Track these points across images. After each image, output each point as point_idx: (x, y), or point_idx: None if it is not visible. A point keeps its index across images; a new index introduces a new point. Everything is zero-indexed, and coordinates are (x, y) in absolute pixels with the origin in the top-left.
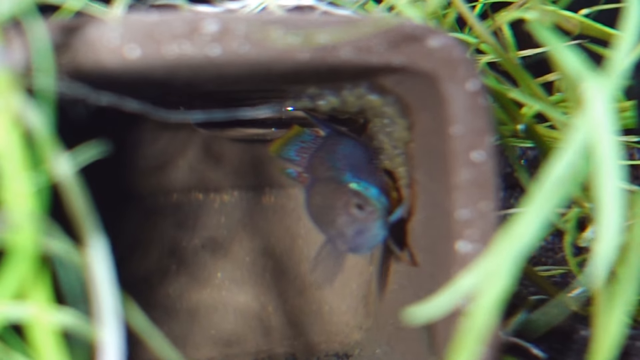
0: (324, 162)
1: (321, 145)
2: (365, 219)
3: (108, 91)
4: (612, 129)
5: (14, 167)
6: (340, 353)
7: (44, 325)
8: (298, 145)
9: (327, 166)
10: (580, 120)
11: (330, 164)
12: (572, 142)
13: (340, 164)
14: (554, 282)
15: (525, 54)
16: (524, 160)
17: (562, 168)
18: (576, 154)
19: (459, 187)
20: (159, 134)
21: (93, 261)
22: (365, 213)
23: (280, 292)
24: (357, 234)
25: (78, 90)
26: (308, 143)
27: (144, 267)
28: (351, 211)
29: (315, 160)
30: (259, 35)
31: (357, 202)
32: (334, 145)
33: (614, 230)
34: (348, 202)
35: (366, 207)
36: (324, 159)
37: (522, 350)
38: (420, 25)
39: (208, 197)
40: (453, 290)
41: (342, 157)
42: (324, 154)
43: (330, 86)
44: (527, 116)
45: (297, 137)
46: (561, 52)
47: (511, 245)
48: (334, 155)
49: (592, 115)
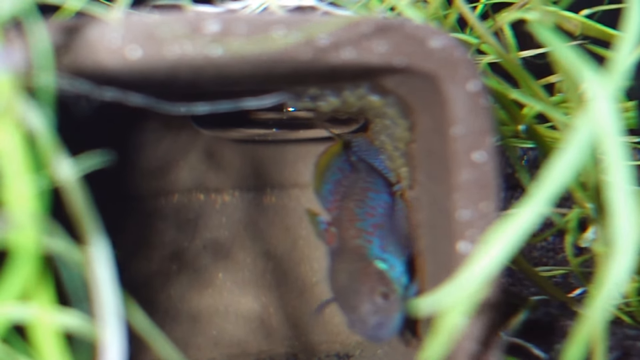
0: (353, 217)
1: (352, 186)
2: (388, 311)
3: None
4: (617, 128)
5: (15, 168)
6: (341, 353)
7: (46, 326)
8: (335, 177)
9: (356, 227)
10: (582, 120)
11: (360, 222)
12: (574, 142)
13: (369, 224)
14: (555, 282)
15: (527, 54)
16: (525, 161)
17: (564, 167)
18: (578, 154)
19: (460, 188)
20: (160, 136)
21: (95, 262)
22: (389, 303)
23: (281, 293)
24: (378, 325)
25: (81, 87)
26: (344, 174)
27: (146, 269)
28: (376, 300)
29: (345, 212)
30: (260, 36)
31: (383, 291)
32: (365, 190)
33: (629, 230)
34: (373, 289)
35: (391, 296)
36: (354, 212)
37: (523, 350)
38: (421, 25)
39: (209, 198)
40: (452, 286)
41: (371, 209)
42: (353, 204)
43: (331, 87)
44: (528, 117)
45: (337, 160)
46: (562, 53)
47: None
48: (363, 208)
49: (595, 114)
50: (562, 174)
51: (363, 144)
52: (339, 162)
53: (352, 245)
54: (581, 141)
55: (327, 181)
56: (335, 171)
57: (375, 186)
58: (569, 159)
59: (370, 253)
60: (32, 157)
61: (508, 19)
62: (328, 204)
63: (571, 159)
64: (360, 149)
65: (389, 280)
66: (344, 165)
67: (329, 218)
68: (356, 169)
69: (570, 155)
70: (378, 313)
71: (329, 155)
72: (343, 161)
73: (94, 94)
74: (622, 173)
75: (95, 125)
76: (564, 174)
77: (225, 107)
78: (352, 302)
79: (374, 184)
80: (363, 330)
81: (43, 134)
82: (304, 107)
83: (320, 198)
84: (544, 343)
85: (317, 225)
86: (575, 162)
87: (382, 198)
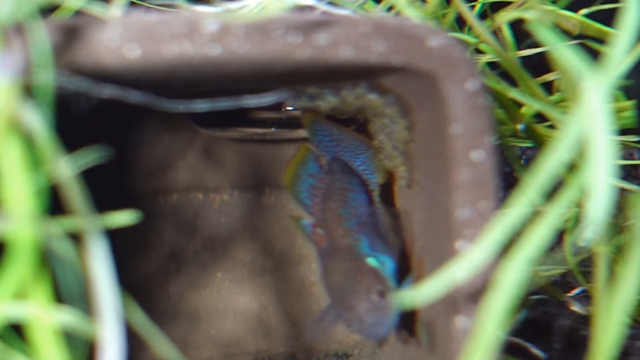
0: (338, 217)
1: (330, 188)
2: (385, 308)
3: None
4: (607, 123)
5: (14, 167)
6: (339, 353)
7: (44, 324)
8: (308, 183)
9: (343, 227)
10: (575, 116)
11: (345, 222)
12: (565, 138)
13: (354, 223)
14: (553, 281)
15: (525, 53)
16: (524, 160)
17: (554, 163)
18: (569, 149)
19: (459, 187)
20: (159, 135)
21: (93, 261)
22: (385, 301)
23: (279, 292)
24: (375, 323)
25: (80, 84)
26: (316, 178)
27: (144, 268)
28: (372, 298)
29: (328, 213)
30: (258, 35)
31: (379, 289)
32: (344, 191)
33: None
34: (370, 288)
35: (387, 293)
36: (337, 213)
37: (522, 350)
38: (420, 25)
39: (208, 197)
40: (441, 278)
41: (353, 209)
42: (336, 205)
43: (329, 86)
44: (526, 116)
45: (305, 167)
46: (561, 52)
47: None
48: (346, 208)
49: (586, 110)
50: (551, 170)
51: (343, 140)
52: (308, 168)
53: (342, 245)
54: (572, 138)
55: (300, 190)
56: (306, 178)
57: (352, 186)
58: (558, 156)
59: (361, 251)
60: (30, 155)
61: (506, 18)
62: (309, 208)
63: (561, 155)
64: (339, 145)
65: (383, 278)
66: (313, 170)
67: (314, 220)
68: (331, 169)
69: (560, 152)
70: (375, 311)
71: (293, 166)
72: (312, 166)
73: (93, 91)
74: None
75: (94, 124)
76: (554, 171)
77: (225, 105)
78: (349, 301)
79: (351, 184)
80: (361, 328)
81: (41, 132)
82: (303, 106)
83: (300, 205)
84: (543, 342)
85: (303, 229)
86: (564, 158)
87: (361, 197)
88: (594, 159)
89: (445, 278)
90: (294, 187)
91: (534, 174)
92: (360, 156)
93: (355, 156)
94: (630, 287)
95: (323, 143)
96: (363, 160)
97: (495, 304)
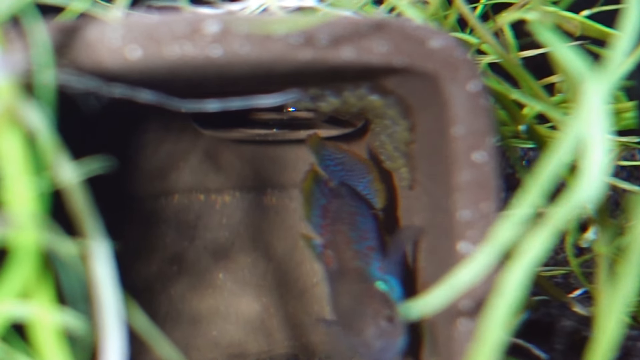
0: (348, 240)
1: (339, 211)
2: (393, 334)
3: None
4: (605, 124)
5: (16, 169)
6: None
7: (46, 325)
8: (320, 203)
9: (352, 249)
10: (574, 117)
11: (355, 244)
12: (567, 139)
13: (364, 246)
14: (555, 282)
15: (527, 54)
16: (526, 161)
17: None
18: (571, 150)
19: (460, 188)
20: (161, 137)
21: (96, 263)
22: (393, 326)
23: (281, 294)
24: (382, 349)
25: (85, 84)
26: (328, 198)
27: (146, 270)
28: (380, 323)
29: (338, 235)
30: (259, 36)
31: (387, 314)
32: (352, 215)
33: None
34: (378, 312)
35: (395, 319)
36: (347, 235)
37: (523, 351)
38: (422, 26)
39: (209, 199)
40: (447, 286)
41: (362, 232)
42: (345, 228)
43: (331, 87)
44: (528, 117)
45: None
46: (562, 53)
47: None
48: (355, 231)
49: (587, 112)
50: (553, 172)
51: (347, 163)
52: (320, 187)
53: (351, 267)
54: (573, 139)
55: (314, 206)
56: (319, 196)
57: (360, 210)
58: (560, 157)
59: (370, 275)
60: (33, 157)
61: (508, 19)
62: (320, 228)
63: (562, 157)
64: (344, 169)
65: (392, 303)
66: (324, 190)
67: (323, 241)
68: (338, 194)
69: (561, 153)
70: (382, 337)
71: (309, 180)
72: (323, 186)
73: (103, 91)
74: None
75: (97, 126)
76: (556, 172)
77: (235, 105)
78: (357, 325)
79: (359, 207)
80: (367, 353)
81: (44, 134)
82: (305, 107)
83: (311, 224)
84: (545, 343)
85: (313, 249)
86: (566, 160)
87: (370, 221)
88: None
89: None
90: (309, 205)
91: (535, 175)
92: (363, 180)
93: (358, 180)
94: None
95: (329, 168)
96: (365, 185)
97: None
